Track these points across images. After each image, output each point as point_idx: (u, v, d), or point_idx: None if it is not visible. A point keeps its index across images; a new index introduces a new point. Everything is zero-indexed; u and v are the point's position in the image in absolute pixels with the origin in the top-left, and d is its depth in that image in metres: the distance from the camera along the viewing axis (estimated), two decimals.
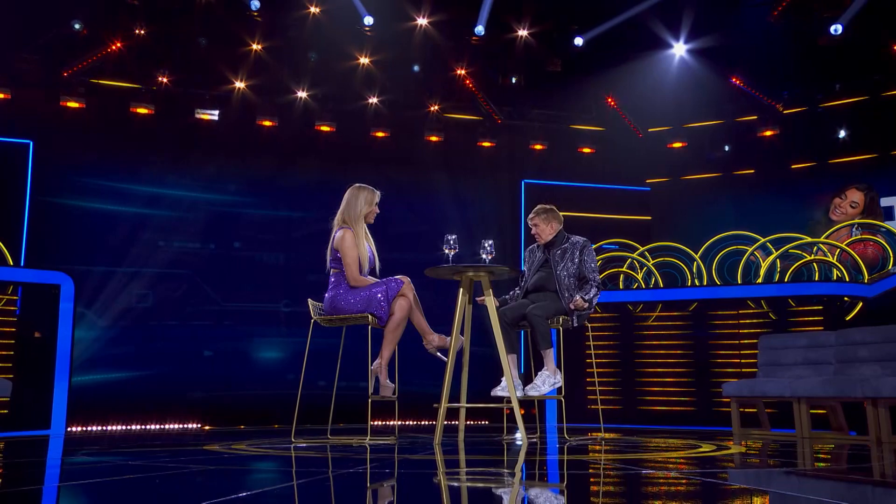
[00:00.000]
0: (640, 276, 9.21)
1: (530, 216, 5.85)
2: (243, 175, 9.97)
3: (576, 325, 5.63)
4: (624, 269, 9.34)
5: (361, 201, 5.53)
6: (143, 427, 8.78)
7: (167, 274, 9.50)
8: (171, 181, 9.69)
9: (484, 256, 5.36)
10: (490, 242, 5.38)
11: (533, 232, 5.83)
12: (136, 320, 9.34)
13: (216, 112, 9.73)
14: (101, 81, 9.40)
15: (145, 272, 9.42)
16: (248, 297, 9.80)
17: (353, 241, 5.38)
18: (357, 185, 5.60)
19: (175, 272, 9.54)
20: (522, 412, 6.61)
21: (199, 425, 8.94)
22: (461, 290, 5.39)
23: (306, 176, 9.99)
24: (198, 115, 9.70)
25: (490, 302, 5.40)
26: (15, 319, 7.57)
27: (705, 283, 8.98)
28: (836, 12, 9.06)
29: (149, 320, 9.42)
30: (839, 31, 8.99)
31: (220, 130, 9.78)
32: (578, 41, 9.85)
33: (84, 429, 8.42)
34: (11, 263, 7.94)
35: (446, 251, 5.34)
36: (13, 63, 8.94)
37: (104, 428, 8.60)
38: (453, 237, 5.34)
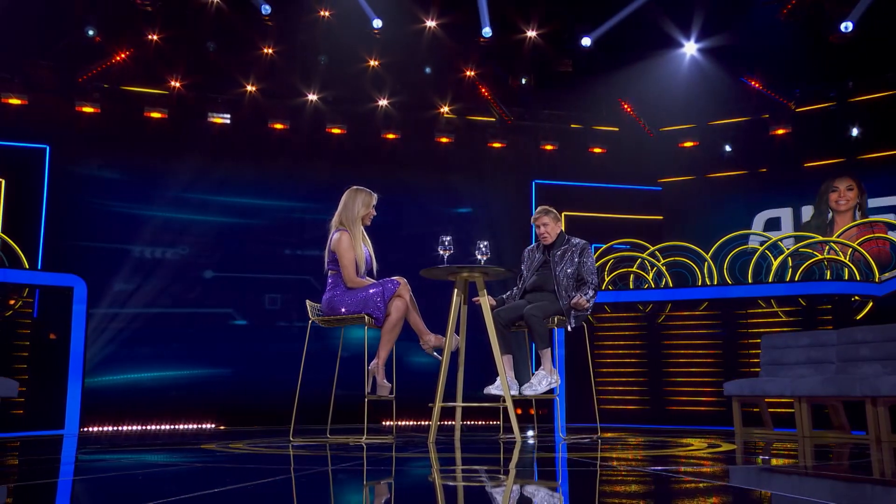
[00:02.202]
0: (650, 277, 9.19)
1: (538, 217, 5.84)
2: (255, 177, 10.07)
3: (573, 325, 5.65)
4: (634, 269, 9.31)
5: (359, 203, 5.61)
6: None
7: (173, 275, 9.62)
8: (184, 184, 9.80)
9: (479, 257, 5.42)
10: (485, 243, 5.44)
11: (541, 231, 5.83)
12: (152, 321, 9.49)
13: (228, 115, 9.85)
14: (115, 87, 9.56)
15: (156, 273, 9.55)
16: (251, 298, 9.94)
17: (350, 242, 5.46)
18: (354, 187, 5.68)
19: (184, 274, 9.67)
20: (532, 412, 6.65)
21: (213, 425, 9.05)
22: (456, 290, 5.45)
23: (317, 178, 10.06)
24: (210, 119, 9.83)
25: (484, 302, 5.44)
26: (30, 322, 7.74)
27: (716, 283, 8.94)
28: (846, 9, 8.97)
29: (166, 321, 9.57)
30: (850, 29, 8.92)
31: (233, 133, 9.91)
32: (586, 41, 9.82)
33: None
34: (27, 266, 8.11)
35: (441, 252, 5.40)
36: (29, 69, 9.12)
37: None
38: (448, 238, 5.40)
